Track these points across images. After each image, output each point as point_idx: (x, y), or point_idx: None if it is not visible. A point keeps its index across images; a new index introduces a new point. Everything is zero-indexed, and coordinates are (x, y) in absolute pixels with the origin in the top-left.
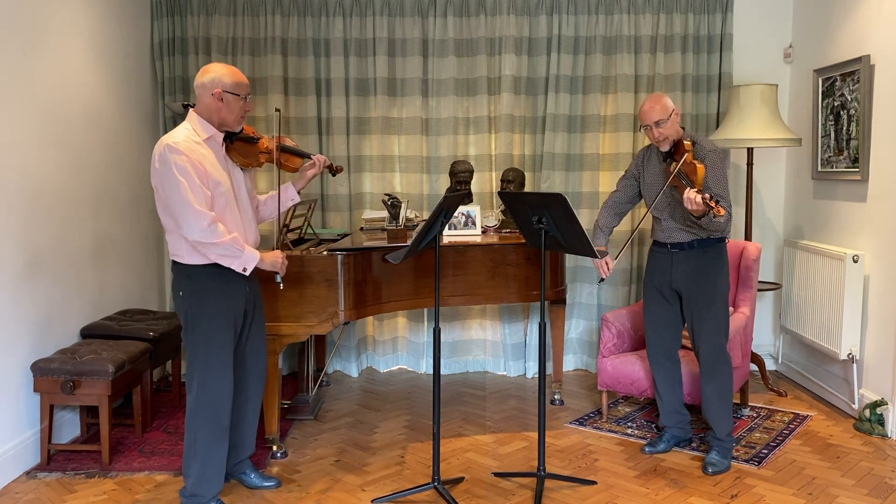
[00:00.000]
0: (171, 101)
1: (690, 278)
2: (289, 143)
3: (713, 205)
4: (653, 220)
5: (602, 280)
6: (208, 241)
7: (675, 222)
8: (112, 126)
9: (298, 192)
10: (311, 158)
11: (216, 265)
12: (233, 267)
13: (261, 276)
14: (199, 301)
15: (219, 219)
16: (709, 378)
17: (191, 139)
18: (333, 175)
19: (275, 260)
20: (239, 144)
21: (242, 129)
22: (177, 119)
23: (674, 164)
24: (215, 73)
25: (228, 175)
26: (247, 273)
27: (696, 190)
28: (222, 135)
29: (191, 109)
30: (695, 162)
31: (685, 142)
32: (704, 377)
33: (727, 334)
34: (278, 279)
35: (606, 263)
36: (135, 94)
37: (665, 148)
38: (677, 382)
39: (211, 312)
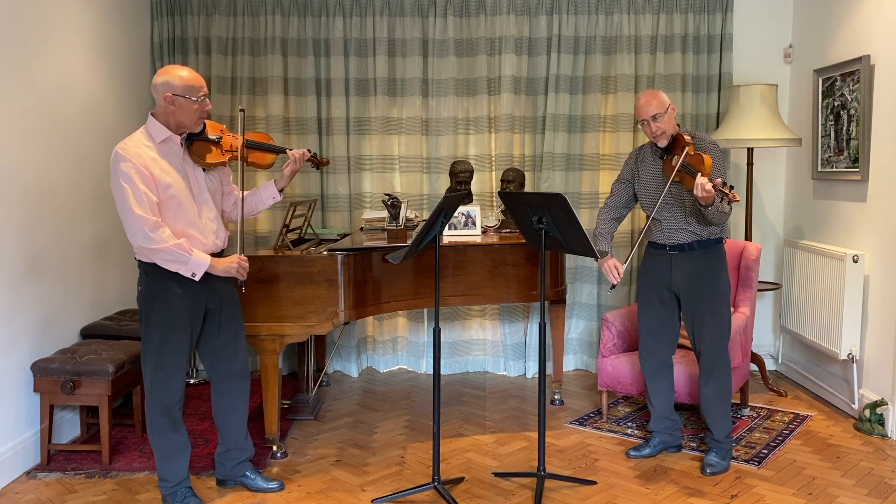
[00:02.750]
0: None
1: (691, 280)
2: (258, 138)
3: (727, 191)
4: (651, 221)
5: (614, 287)
6: (150, 246)
7: (677, 222)
8: (112, 126)
9: (281, 191)
10: (285, 153)
11: None
12: (182, 273)
13: (274, 276)
14: (153, 298)
15: (169, 222)
16: (708, 380)
17: (142, 143)
18: (317, 169)
19: (228, 266)
20: (197, 145)
21: (204, 128)
22: None
23: (675, 157)
24: (166, 76)
25: (186, 176)
26: (196, 279)
27: (707, 178)
28: (180, 137)
29: (150, 112)
30: (700, 153)
31: (684, 135)
32: (703, 379)
33: (728, 335)
34: (239, 283)
35: (616, 269)
36: (135, 94)
37: (663, 143)
38: (669, 388)
39: (161, 309)
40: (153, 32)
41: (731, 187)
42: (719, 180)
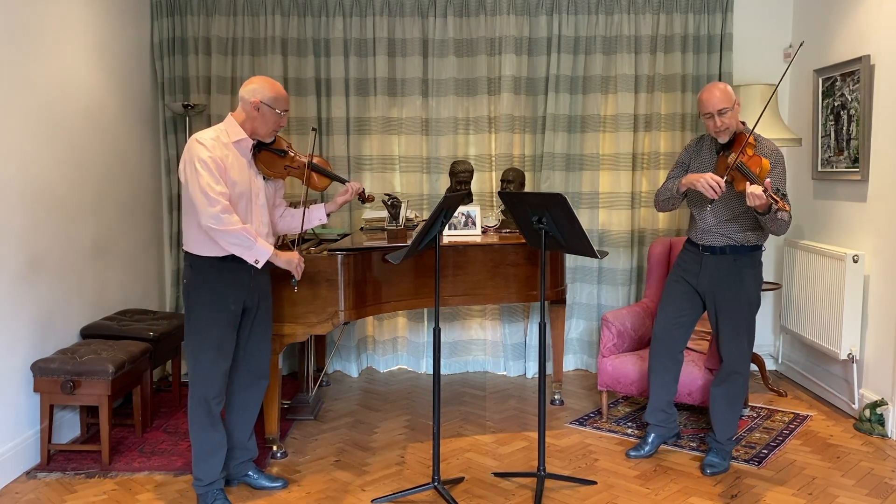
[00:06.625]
0: (171, 101)
1: (717, 285)
2: (320, 163)
3: (778, 199)
4: (690, 217)
5: (712, 202)
6: (219, 227)
7: (714, 223)
8: (112, 126)
9: (328, 215)
10: (342, 182)
11: (219, 258)
12: (245, 258)
13: (275, 275)
14: (197, 290)
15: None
16: (722, 382)
17: (219, 139)
18: (363, 203)
19: (290, 259)
20: (265, 155)
21: (275, 140)
22: (176, 119)
23: (731, 155)
24: (258, 84)
25: (248, 180)
26: (259, 265)
27: (760, 185)
28: (252, 141)
29: (230, 113)
30: (759, 156)
31: (747, 135)
32: (718, 379)
33: (751, 345)
34: (293, 282)
35: (718, 183)
36: (135, 94)
37: (724, 139)
38: (671, 380)
39: (205, 302)
40: (153, 32)
41: (784, 195)
42: (769, 181)
